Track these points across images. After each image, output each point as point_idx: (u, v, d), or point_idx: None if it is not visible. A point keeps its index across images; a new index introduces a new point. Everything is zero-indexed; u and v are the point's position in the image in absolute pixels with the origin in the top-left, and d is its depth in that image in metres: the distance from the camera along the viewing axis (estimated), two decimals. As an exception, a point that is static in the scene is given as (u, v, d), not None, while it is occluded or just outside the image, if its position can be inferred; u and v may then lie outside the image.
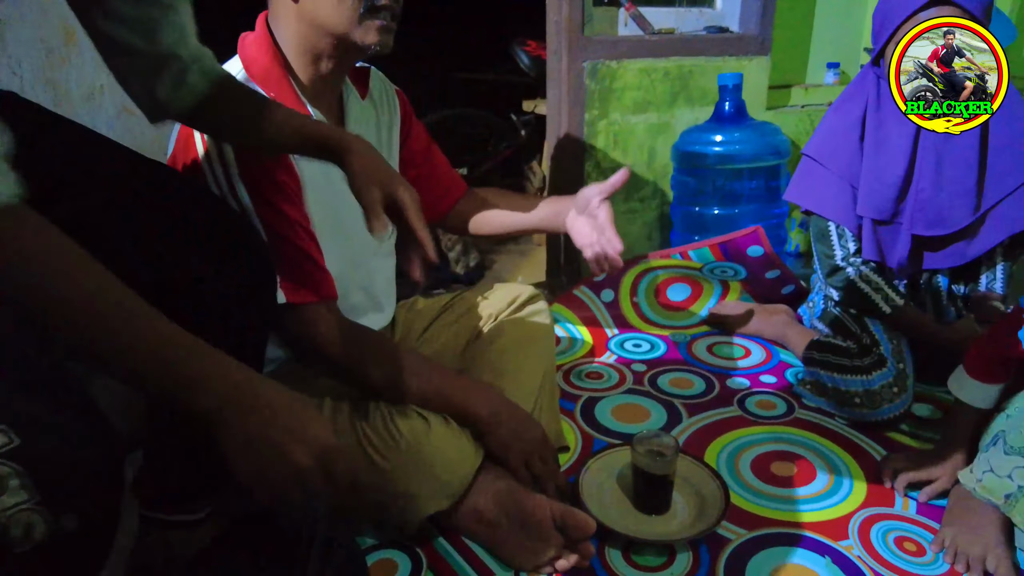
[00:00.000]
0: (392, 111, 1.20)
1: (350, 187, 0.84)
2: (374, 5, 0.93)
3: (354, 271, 1.12)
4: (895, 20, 1.26)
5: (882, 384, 1.29)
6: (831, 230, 1.44)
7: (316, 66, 1.00)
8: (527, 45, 2.49)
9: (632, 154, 1.97)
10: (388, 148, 1.18)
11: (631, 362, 1.63)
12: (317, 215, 1.00)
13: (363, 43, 0.95)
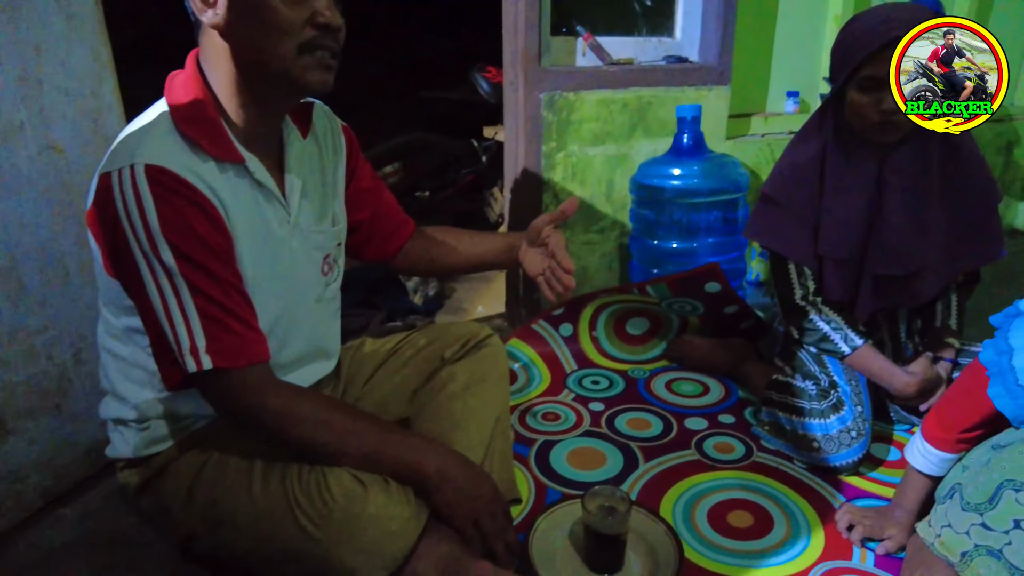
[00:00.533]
0: (337, 150, 1.14)
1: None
2: (313, 42, 0.88)
3: (295, 320, 1.06)
4: (854, 59, 1.24)
5: (840, 430, 1.27)
6: (790, 269, 1.42)
7: (251, 108, 0.93)
8: (487, 71, 2.47)
9: (590, 186, 1.94)
10: (332, 189, 1.13)
11: (589, 400, 1.59)
12: (252, 267, 0.94)
13: (302, 83, 0.89)
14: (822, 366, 1.41)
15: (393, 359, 1.28)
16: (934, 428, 1.04)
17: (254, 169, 0.93)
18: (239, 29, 0.87)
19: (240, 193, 0.91)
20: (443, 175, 2.86)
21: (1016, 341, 0.94)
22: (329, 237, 1.10)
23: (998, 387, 0.94)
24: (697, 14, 2.07)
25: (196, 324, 0.84)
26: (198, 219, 0.84)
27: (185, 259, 0.83)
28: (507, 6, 1.77)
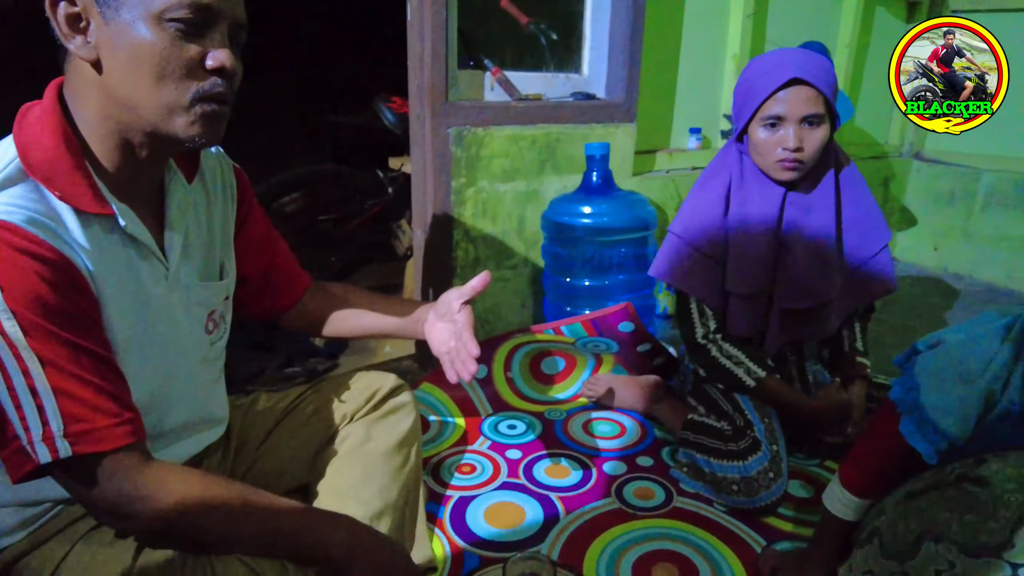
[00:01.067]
0: (227, 196, 1.02)
1: None
2: (202, 91, 0.76)
3: (176, 387, 0.93)
4: (756, 99, 1.29)
5: (758, 470, 1.26)
6: (692, 307, 1.44)
7: (125, 154, 0.80)
8: (391, 102, 2.39)
9: (501, 222, 1.90)
10: (222, 238, 1.01)
11: (505, 448, 1.52)
12: (123, 332, 0.81)
13: (185, 136, 0.78)
14: (734, 405, 1.41)
15: (291, 418, 1.16)
16: (852, 473, 1.04)
17: (126, 222, 0.80)
18: (115, 65, 0.74)
19: (108, 250, 0.78)
20: (347, 205, 2.74)
21: (920, 378, 0.95)
22: (215, 292, 0.98)
23: (909, 424, 0.95)
24: (604, 50, 2.09)
25: (50, 405, 0.70)
26: (52, 283, 0.70)
27: (35, 329, 0.69)
28: (412, 38, 1.71)
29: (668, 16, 2.26)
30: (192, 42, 0.75)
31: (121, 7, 0.72)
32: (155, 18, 0.72)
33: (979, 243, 3.00)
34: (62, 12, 0.73)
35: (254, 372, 1.94)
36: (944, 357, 0.94)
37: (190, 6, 0.73)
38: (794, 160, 1.29)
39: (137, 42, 0.72)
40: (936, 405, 0.91)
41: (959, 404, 0.90)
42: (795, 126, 1.27)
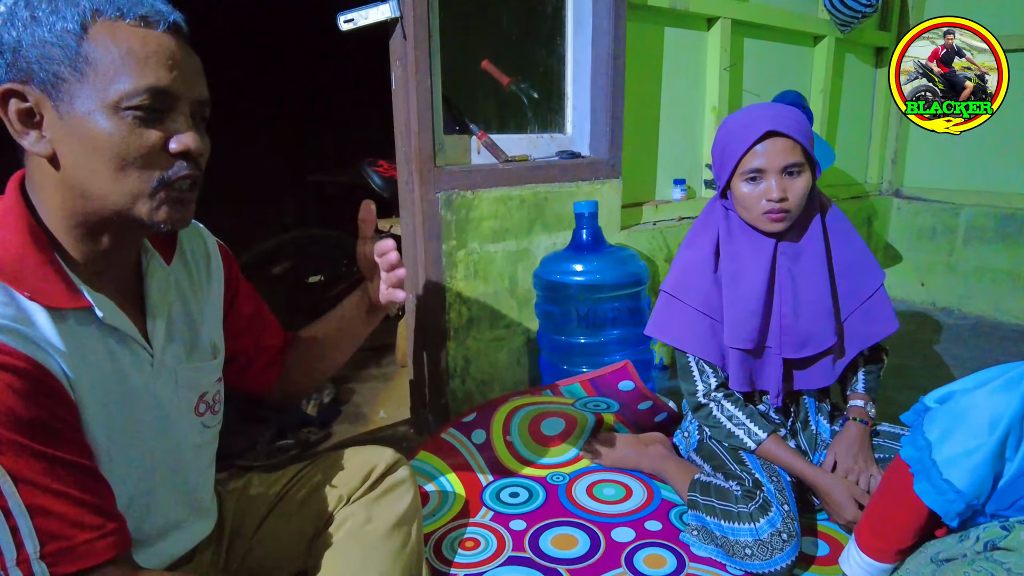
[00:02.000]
0: (210, 274, 1.00)
1: None
2: (168, 177, 0.75)
3: (164, 480, 0.89)
4: (735, 156, 1.31)
5: (770, 532, 1.23)
6: (692, 366, 1.43)
7: (95, 242, 0.78)
8: (378, 166, 2.40)
9: (493, 282, 1.89)
10: (210, 316, 0.98)
11: (509, 518, 1.47)
12: (105, 431, 0.77)
13: (153, 222, 0.76)
14: (740, 463, 1.39)
15: (285, 502, 1.12)
16: (868, 537, 1.01)
17: (104, 313, 0.77)
18: (73, 159, 0.73)
19: (86, 345, 0.76)
20: (335, 269, 2.73)
21: (932, 435, 0.94)
22: (205, 372, 0.96)
23: (924, 483, 0.93)
24: (586, 109, 2.13)
25: (24, 525, 0.66)
26: (25, 394, 0.67)
27: (7, 446, 0.65)
28: (398, 106, 1.73)
29: (647, 72, 2.31)
30: (153, 127, 0.73)
31: (75, 99, 0.71)
32: (111, 108, 0.71)
33: (964, 277, 3.03)
34: (13, 109, 0.72)
35: (245, 446, 1.89)
36: (953, 414, 0.93)
37: (147, 92, 0.72)
38: (780, 210, 1.30)
39: (95, 133, 0.71)
40: (949, 463, 0.90)
41: (972, 462, 0.88)
42: (777, 177, 1.29)
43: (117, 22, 0.72)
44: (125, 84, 0.71)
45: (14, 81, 0.71)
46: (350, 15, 1.68)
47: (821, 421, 1.51)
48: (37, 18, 0.70)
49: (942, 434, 0.93)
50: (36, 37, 0.70)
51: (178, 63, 0.74)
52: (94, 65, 0.70)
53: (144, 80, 0.71)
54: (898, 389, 2.13)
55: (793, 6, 2.70)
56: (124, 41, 0.71)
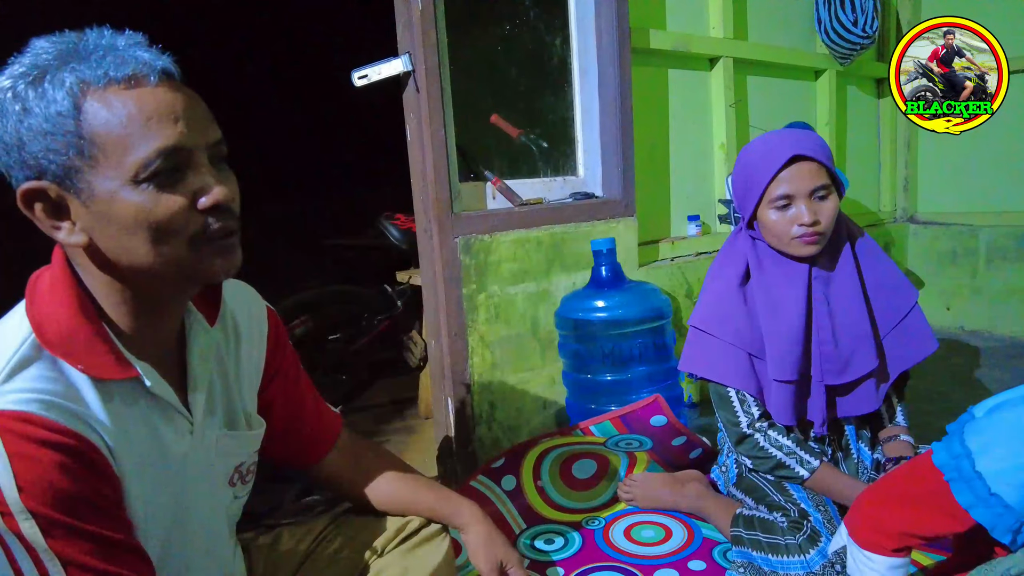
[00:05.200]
0: (255, 337, 0.97)
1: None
2: (205, 232, 0.73)
3: (198, 552, 0.87)
4: (760, 184, 1.29)
5: (823, 564, 1.18)
6: (731, 396, 1.38)
7: (143, 312, 0.77)
8: (396, 219, 2.44)
9: (515, 324, 1.88)
10: (248, 384, 0.95)
11: (546, 566, 1.42)
12: (144, 504, 0.76)
13: (204, 277, 0.75)
14: (784, 493, 1.34)
15: (316, 556, 1.08)
16: (871, 534, 0.97)
17: (151, 382, 0.76)
18: (108, 242, 0.71)
19: (131, 419, 0.75)
20: (355, 324, 2.74)
21: (973, 444, 0.90)
22: (244, 443, 0.93)
23: (967, 495, 0.88)
24: (597, 152, 2.16)
25: None
26: (73, 472, 0.66)
27: (55, 528, 0.64)
28: (414, 156, 1.76)
29: (654, 113, 2.36)
30: (176, 189, 0.71)
31: (94, 185, 0.69)
32: (131, 183, 0.68)
33: (990, 298, 2.98)
34: (39, 209, 0.70)
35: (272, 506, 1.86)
36: (1002, 425, 0.89)
37: (160, 156, 0.69)
38: (814, 233, 1.27)
39: (122, 213, 0.69)
40: (997, 476, 0.86)
41: (1021, 476, 0.84)
42: (805, 201, 1.27)
43: (108, 89, 0.68)
44: (136, 154, 0.68)
45: (30, 179, 0.69)
46: (364, 71, 1.74)
47: (863, 448, 1.46)
48: (28, 109, 0.67)
49: (986, 444, 0.88)
50: (33, 130, 0.67)
51: (181, 113, 0.71)
52: (101, 146, 0.68)
53: (153, 144, 0.68)
54: (937, 415, 2.07)
55: (792, 42, 2.76)
56: (121, 108, 0.68)
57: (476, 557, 1.10)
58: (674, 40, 2.31)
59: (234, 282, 0.97)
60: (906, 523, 0.95)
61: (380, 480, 1.11)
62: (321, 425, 1.09)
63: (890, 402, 1.46)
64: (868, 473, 1.43)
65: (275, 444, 1.05)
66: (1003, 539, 0.88)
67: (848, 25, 2.63)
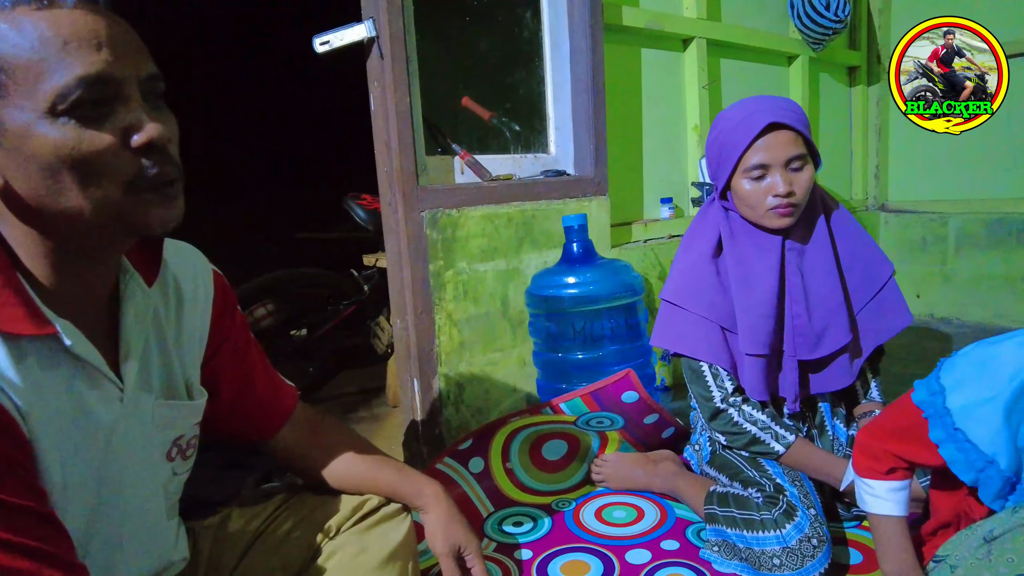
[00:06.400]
0: (199, 302, 0.89)
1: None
2: (140, 176, 0.65)
3: (129, 528, 0.79)
4: (735, 153, 1.25)
5: (799, 538, 1.13)
6: (704, 371, 1.34)
7: (66, 264, 0.69)
8: (361, 199, 2.36)
9: (484, 303, 1.82)
10: (190, 352, 0.87)
11: (514, 548, 1.36)
12: (63, 474, 0.68)
13: (139, 226, 0.67)
14: (759, 468, 1.30)
15: (267, 536, 1.01)
16: (865, 460, 1.02)
17: (71, 341, 0.68)
18: (27, 184, 0.63)
19: (48, 381, 0.67)
20: (321, 310, 2.65)
21: (947, 381, 0.90)
22: (184, 413, 0.85)
23: (938, 431, 0.88)
24: (568, 129, 2.11)
25: None
26: None
27: None
28: (377, 126, 1.69)
29: (627, 93, 2.31)
30: (102, 126, 0.63)
31: (5, 118, 0.61)
32: (48, 114, 0.61)
33: (960, 286, 3.00)
34: None
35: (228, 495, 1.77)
36: (974, 362, 0.90)
37: (80, 84, 0.61)
38: (788, 204, 1.23)
39: (40, 149, 0.61)
40: (963, 412, 0.86)
41: (985, 411, 0.84)
42: (781, 171, 1.23)
43: (16, 8, 0.61)
44: (52, 82, 0.60)
45: None
46: (326, 37, 1.66)
47: (838, 426, 1.42)
48: None
49: (958, 381, 0.89)
50: None
51: (105, 40, 0.63)
52: (10, 72, 0.60)
53: (72, 72, 0.61)
54: (909, 396, 2.06)
55: (766, 26, 2.74)
56: (32, 30, 0.60)
57: (433, 540, 1.04)
58: (647, 18, 2.27)
59: (179, 243, 0.90)
60: (893, 449, 0.98)
61: (338, 457, 1.04)
62: (274, 397, 1.02)
63: (865, 378, 1.43)
64: (844, 450, 1.40)
65: (224, 417, 0.97)
66: (964, 477, 0.89)
67: (820, 8, 2.62)
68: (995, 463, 0.83)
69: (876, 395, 1.42)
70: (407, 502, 1.05)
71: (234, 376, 0.96)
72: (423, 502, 1.06)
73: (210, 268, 0.93)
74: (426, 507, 1.06)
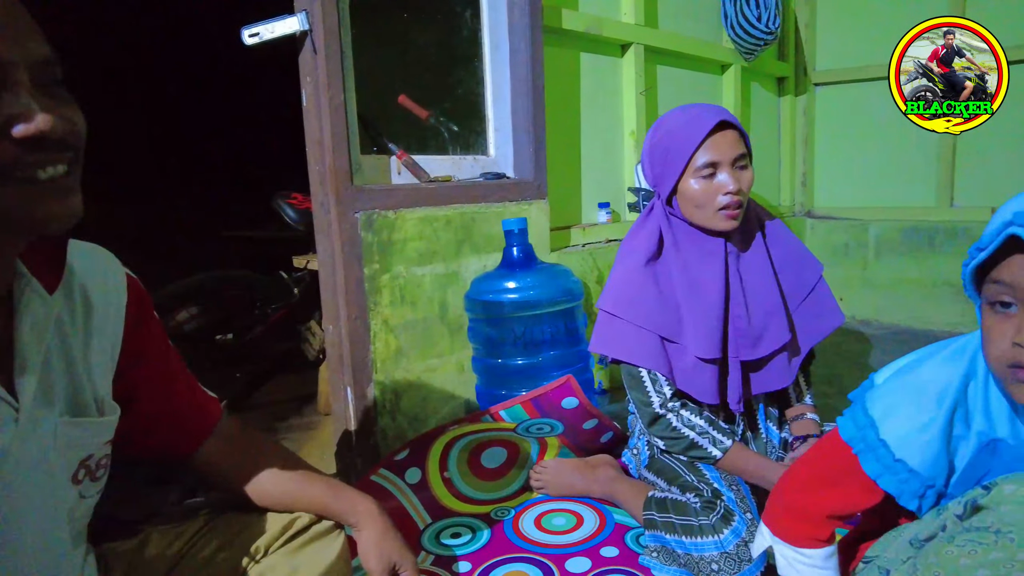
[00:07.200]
0: (110, 310, 0.81)
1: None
2: (22, 174, 0.58)
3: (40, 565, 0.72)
4: (685, 153, 1.26)
5: (736, 543, 1.14)
6: (643, 377, 1.34)
7: None
8: (292, 198, 2.27)
9: (422, 308, 1.77)
10: (99, 365, 0.79)
11: (452, 561, 1.32)
12: None
13: (30, 222, 0.60)
14: (697, 473, 1.31)
15: (187, 561, 0.94)
16: (799, 526, 0.93)
17: None
18: None
19: None
20: (248, 314, 2.53)
21: (876, 411, 0.88)
22: (91, 432, 0.77)
23: (874, 464, 0.86)
24: (508, 132, 2.09)
25: None
26: None
27: None
28: (310, 125, 1.62)
29: (566, 97, 2.31)
30: None
31: None
32: None
33: (879, 289, 3.15)
34: None
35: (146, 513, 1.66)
36: (899, 388, 0.88)
37: None
38: (737, 203, 1.26)
39: None
40: (901, 441, 0.84)
41: (924, 438, 0.83)
42: (729, 169, 1.25)
43: None
44: None
45: None
46: (255, 28, 1.58)
47: (771, 428, 1.46)
48: None
49: (888, 410, 0.86)
50: None
51: None
52: None
53: None
54: (834, 397, 2.14)
55: (701, 34, 2.80)
56: None
57: (367, 558, 0.99)
58: (587, 22, 2.27)
59: (87, 245, 0.81)
60: (831, 505, 0.91)
61: (266, 473, 0.98)
62: (196, 410, 0.95)
63: (797, 381, 1.47)
64: (776, 452, 1.43)
65: (140, 433, 0.89)
66: (910, 506, 0.86)
67: (752, 20, 2.69)
68: (935, 485, 0.83)
69: (808, 399, 1.46)
70: (340, 519, 1.00)
71: (151, 389, 0.89)
72: (356, 519, 1.01)
73: (123, 272, 0.85)
74: (359, 524, 1.01)
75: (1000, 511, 0.73)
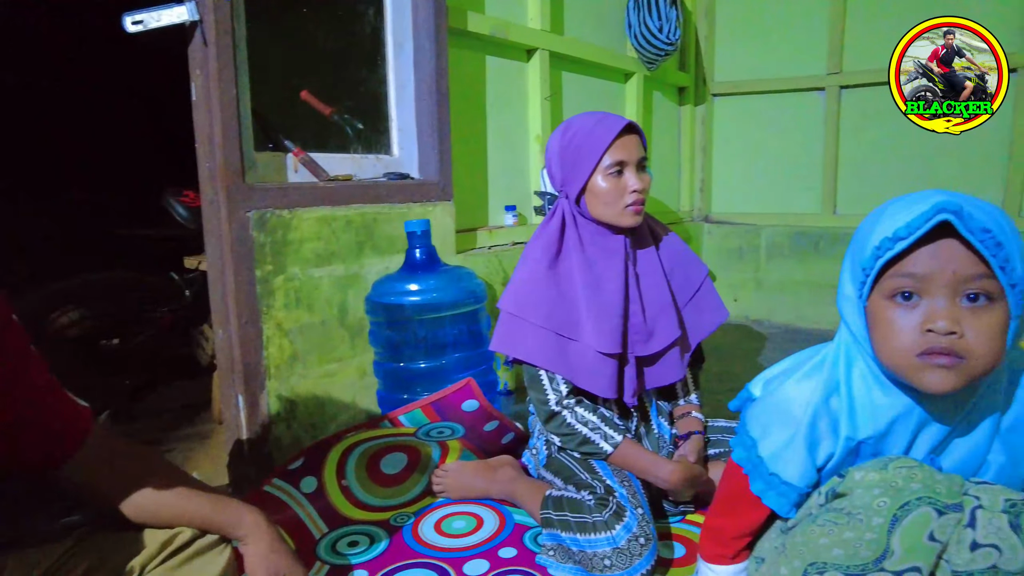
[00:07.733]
0: None
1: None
2: None
3: None
4: (596, 153, 1.33)
5: (628, 539, 1.17)
6: (542, 376, 1.38)
7: None
8: (184, 196, 2.14)
9: (320, 311, 1.72)
10: None
11: (347, 570, 1.29)
12: None
13: None
14: (590, 471, 1.34)
15: (58, 581, 0.87)
16: (714, 549, 0.99)
17: None
18: None
19: None
20: (135, 317, 2.37)
21: (755, 431, 0.94)
22: None
23: (759, 482, 0.92)
24: (412, 132, 2.06)
25: None
26: None
27: None
28: (200, 119, 1.54)
29: (472, 100, 2.31)
30: None
31: None
32: None
33: (769, 290, 3.33)
34: None
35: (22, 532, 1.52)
36: (768, 407, 0.93)
37: None
38: (642, 200, 1.34)
39: None
40: (774, 458, 0.90)
41: (793, 452, 0.88)
42: (634, 169, 1.34)
43: None
44: None
45: None
46: (139, 16, 1.49)
47: (662, 423, 1.51)
48: None
49: (763, 429, 0.93)
50: None
51: None
52: None
53: None
54: (724, 393, 2.24)
55: (605, 42, 2.87)
56: None
57: (254, 572, 0.96)
58: (492, 25, 2.28)
59: None
60: (738, 526, 0.96)
61: (144, 488, 0.92)
62: (63, 421, 0.88)
63: (685, 380, 1.54)
64: (667, 447, 1.48)
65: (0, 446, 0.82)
66: (790, 515, 0.91)
67: (654, 31, 2.79)
68: (809, 493, 0.89)
69: (694, 398, 1.53)
70: (225, 533, 0.95)
71: (10, 399, 0.82)
72: (243, 532, 0.97)
73: None
74: (246, 537, 0.97)
75: (853, 495, 0.79)
